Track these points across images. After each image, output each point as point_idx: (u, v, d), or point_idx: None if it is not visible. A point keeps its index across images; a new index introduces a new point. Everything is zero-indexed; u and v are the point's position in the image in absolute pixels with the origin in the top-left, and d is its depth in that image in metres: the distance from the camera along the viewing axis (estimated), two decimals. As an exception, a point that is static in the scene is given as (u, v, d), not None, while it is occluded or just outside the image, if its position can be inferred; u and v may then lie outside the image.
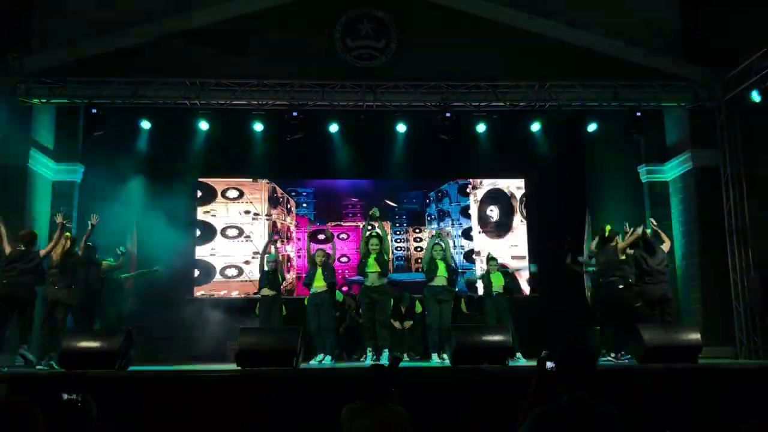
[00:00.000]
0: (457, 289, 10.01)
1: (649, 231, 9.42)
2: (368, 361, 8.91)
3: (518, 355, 9.03)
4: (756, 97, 9.41)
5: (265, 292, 9.61)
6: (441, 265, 9.24)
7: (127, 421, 5.56)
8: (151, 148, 11.12)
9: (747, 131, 10.10)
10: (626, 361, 8.52)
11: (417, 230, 13.36)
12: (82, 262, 9.03)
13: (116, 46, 10.26)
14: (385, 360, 8.39)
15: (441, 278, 9.19)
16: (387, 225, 13.05)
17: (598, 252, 9.51)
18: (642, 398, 6.18)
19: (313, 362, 9.00)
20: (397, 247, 13.20)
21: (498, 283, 9.68)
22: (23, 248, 8.25)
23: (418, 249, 13.16)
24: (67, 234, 8.90)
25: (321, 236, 12.00)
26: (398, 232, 13.28)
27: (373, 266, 9.15)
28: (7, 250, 8.22)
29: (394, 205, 13.14)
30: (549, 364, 3.23)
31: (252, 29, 10.50)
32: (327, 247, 10.11)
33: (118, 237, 10.76)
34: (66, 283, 8.59)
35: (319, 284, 9.32)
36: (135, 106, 10.26)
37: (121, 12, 10.35)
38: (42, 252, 8.42)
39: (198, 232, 12.59)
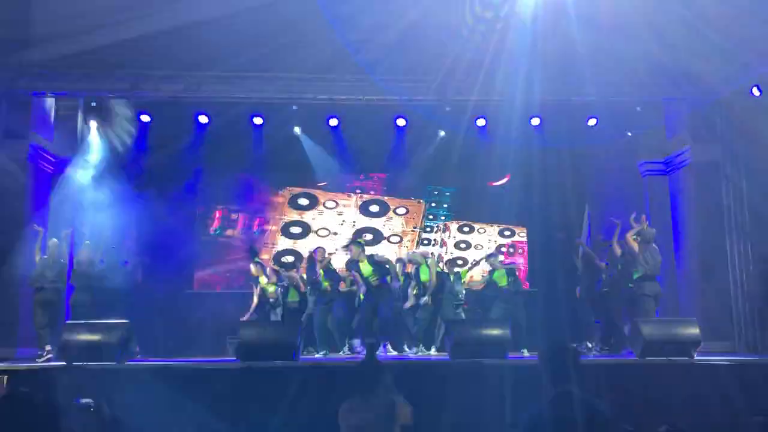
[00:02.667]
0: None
1: None
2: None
3: (524, 351, 9.15)
4: (756, 92, 9.40)
5: None
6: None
7: (126, 414, 5.57)
8: (151, 140, 11.10)
9: (746, 126, 10.09)
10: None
11: (467, 228, 12.86)
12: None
13: (115, 39, 10.22)
14: None
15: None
16: (420, 207, 12.86)
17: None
18: (640, 392, 6.20)
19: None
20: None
21: (502, 282, 9.65)
22: None
23: (460, 262, 12.12)
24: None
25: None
26: (429, 229, 12.83)
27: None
28: None
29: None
30: None
31: (252, 21, 10.46)
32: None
33: (117, 230, 10.78)
34: None
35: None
36: (134, 100, 10.26)
37: (120, 4, 10.31)
38: None
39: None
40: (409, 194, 12.95)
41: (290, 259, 12.34)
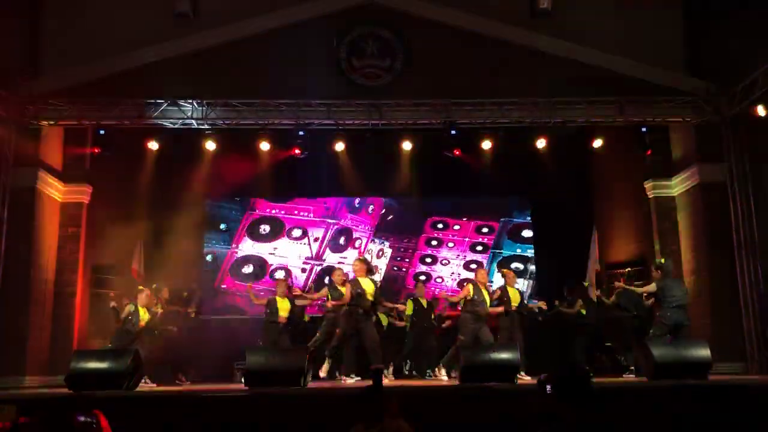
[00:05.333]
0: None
1: None
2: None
3: (522, 373, 9.01)
4: (762, 111, 9.40)
5: None
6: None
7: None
8: (159, 168, 11.16)
9: (753, 145, 10.08)
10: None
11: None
12: None
13: (123, 68, 10.34)
14: None
15: None
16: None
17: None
18: (652, 415, 6.13)
19: None
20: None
21: (516, 299, 9.57)
22: None
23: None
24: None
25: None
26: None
27: None
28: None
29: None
30: (549, 388, 3.23)
31: (258, 49, 10.59)
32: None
33: (125, 257, 10.83)
34: None
35: None
36: (142, 127, 10.34)
37: (127, 34, 10.45)
38: None
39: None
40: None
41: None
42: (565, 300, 10.49)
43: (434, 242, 13.20)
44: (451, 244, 13.17)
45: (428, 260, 13.13)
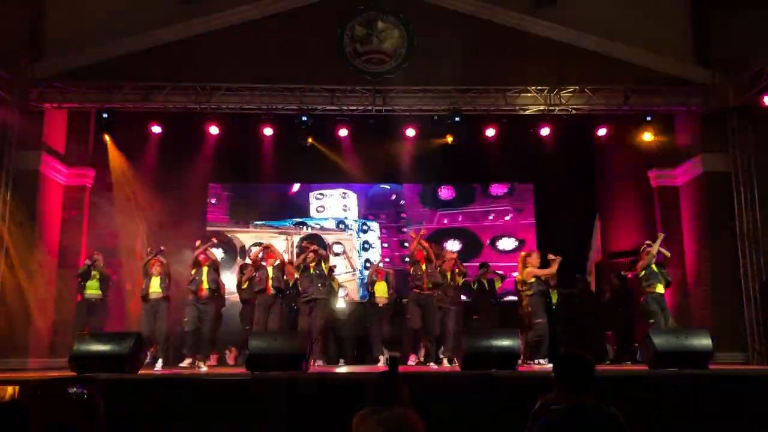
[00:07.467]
0: None
1: None
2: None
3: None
4: (767, 101, 9.36)
5: None
6: None
7: (137, 424, 5.58)
8: (162, 152, 11.15)
9: (758, 136, 10.04)
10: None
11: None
12: None
13: (127, 51, 10.31)
14: None
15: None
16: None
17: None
18: (652, 404, 6.15)
19: None
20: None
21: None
22: None
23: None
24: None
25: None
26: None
27: None
28: None
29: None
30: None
31: (262, 34, 10.54)
32: None
33: (128, 241, 10.83)
34: None
35: None
36: (145, 111, 10.32)
37: (131, 17, 10.41)
38: None
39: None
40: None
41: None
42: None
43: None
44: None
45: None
